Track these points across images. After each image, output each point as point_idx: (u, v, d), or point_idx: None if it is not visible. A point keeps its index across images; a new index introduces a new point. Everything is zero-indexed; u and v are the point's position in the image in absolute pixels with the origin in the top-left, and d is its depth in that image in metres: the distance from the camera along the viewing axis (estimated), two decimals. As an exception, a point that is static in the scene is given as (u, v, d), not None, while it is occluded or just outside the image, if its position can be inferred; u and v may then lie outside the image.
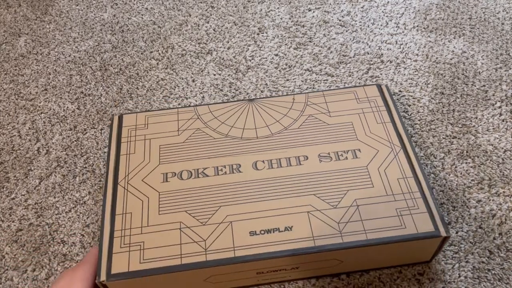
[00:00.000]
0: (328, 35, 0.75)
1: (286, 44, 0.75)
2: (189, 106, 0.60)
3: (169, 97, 0.70)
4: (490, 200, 0.56)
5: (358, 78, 0.69)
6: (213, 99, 0.68)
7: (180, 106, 0.68)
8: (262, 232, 0.46)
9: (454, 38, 0.73)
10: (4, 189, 0.62)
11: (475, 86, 0.67)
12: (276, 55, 0.73)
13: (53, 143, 0.66)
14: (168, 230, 0.46)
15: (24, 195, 0.61)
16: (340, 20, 0.77)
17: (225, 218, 0.47)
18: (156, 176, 0.51)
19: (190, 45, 0.77)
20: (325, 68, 0.70)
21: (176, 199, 0.49)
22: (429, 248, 0.47)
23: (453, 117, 0.64)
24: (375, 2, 0.80)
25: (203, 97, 0.69)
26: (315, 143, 0.53)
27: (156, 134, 0.55)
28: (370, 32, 0.75)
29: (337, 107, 0.56)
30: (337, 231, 0.45)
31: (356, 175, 0.50)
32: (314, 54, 0.73)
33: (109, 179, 0.51)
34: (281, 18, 0.79)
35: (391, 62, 0.71)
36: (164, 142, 0.54)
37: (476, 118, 0.63)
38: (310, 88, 0.68)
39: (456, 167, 0.59)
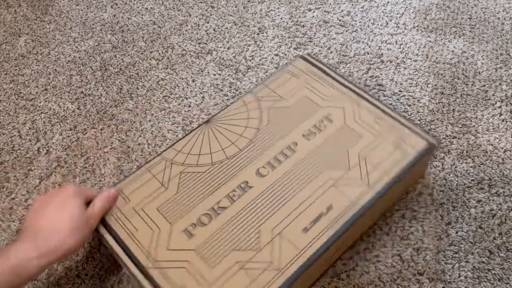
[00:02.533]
0: (328, 35, 0.75)
1: (286, 44, 0.75)
2: (153, 158, 0.53)
3: (169, 97, 0.70)
4: (490, 200, 0.56)
5: (358, 78, 0.69)
6: (213, 99, 0.68)
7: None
8: (312, 223, 0.46)
9: (454, 38, 0.73)
10: (4, 189, 0.62)
11: (475, 86, 0.67)
12: (276, 55, 0.73)
13: (53, 143, 0.66)
14: (232, 274, 0.44)
15: (24, 195, 0.61)
16: (340, 20, 0.77)
17: (272, 234, 0.46)
18: (178, 237, 0.47)
19: (190, 45, 0.77)
20: (325, 68, 0.70)
21: (216, 245, 0.46)
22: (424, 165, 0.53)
23: (453, 117, 0.64)
24: (375, 2, 0.80)
25: (203, 97, 0.69)
26: (292, 127, 0.54)
27: (144, 200, 0.49)
28: (370, 32, 0.75)
29: (285, 90, 0.58)
30: (365, 186, 0.48)
31: (344, 135, 0.53)
32: (314, 54, 0.73)
33: (134, 272, 0.45)
34: (281, 18, 0.79)
35: (391, 62, 0.71)
36: (158, 203, 0.49)
37: (476, 118, 0.63)
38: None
39: (456, 167, 0.59)
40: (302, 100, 0.56)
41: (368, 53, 0.72)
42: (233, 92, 0.69)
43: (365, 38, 0.74)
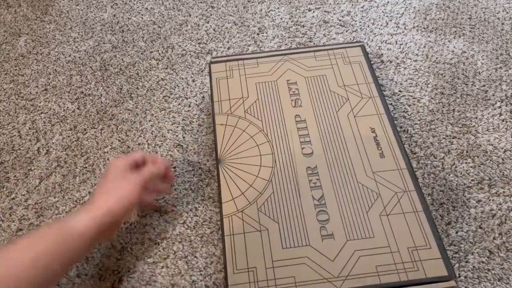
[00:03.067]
0: (328, 35, 0.75)
1: (286, 44, 0.75)
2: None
3: (169, 97, 0.70)
4: (490, 200, 0.56)
5: (358, 78, 0.69)
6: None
7: None
8: None
9: (454, 38, 0.73)
10: (4, 189, 0.62)
11: (475, 86, 0.67)
12: (276, 55, 0.73)
13: (53, 143, 0.66)
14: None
15: (24, 195, 0.61)
16: (340, 20, 0.77)
17: None
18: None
19: (190, 45, 0.77)
20: (325, 68, 0.70)
21: None
22: None
23: (453, 117, 0.64)
24: (375, 2, 0.80)
25: (203, 97, 0.69)
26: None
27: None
28: (370, 32, 0.75)
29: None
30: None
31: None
32: (314, 54, 0.73)
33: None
34: (281, 18, 0.79)
35: (391, 62, 0.71)
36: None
37: (476, 118, 0.63)
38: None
39: (456, 167, 0.59)
40: (259, 87, 0.61)
41: (368, 53, 0.72)
42: (233, 92, 0.69)
43: (365, 38, 0.74)
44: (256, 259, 0.46)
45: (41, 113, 0.70)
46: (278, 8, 0.81)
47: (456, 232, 0.53)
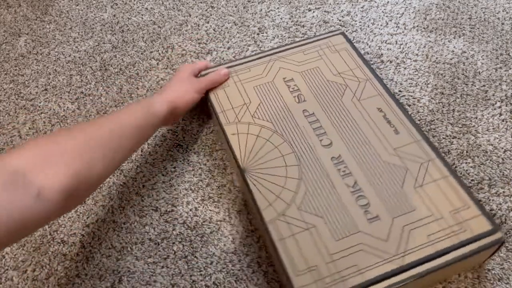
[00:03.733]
0: (328, 35, 0.75)
1: (286, 44, 0.75)
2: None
3: (169, 97, 0.70)
4: (490, 200, 0.56)
5: (358, 78, 0.69)
6: (213, 99, 0.68)
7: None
8: None
9: (454, 38, 0.73)
10: (4, 189, 0.62)
11: (475, 86, 0.67)
12: (276, 55, 0.73)
13: (53, 143, 0.66)
14: None
15: (24, 195, 0.61)
16: (340, 20, 0.77)
17: None
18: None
19: (190, 45, 0.77)
20: (325, 68, 0.70)
21: None
22: None
23: (453, 117, 0.64)
24: (375, 2, 0.80)
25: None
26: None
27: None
28: (370, 32, 0.75)
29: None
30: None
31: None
32: (314, 54, 0.73)
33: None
34: (281, 18, 0.79)
35: (391, 62, 0.71)
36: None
37: (476, 118, 0.63)
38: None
39: (456, 167, 0.59)
40: (258, 90, 0.62)
41: (368, 53, 0.72)
42: (233, 92, 0.69)
43: (365, 38, 0.74)
44: (315, 257, 0.46)
45: (41, 113, 0.70)
46: (278, 8, 0.81)
47: (456, 232, 0.53)
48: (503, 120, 0.63)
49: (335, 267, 0.45)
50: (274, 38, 0.76)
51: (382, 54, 0.72)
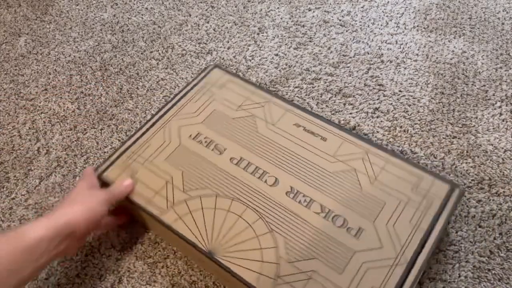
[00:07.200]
0: (328, 35, 0.75)
1: (286, 44, 0.75)
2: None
3: (169, 97, 0.69)
4: (490, 200, 0.56)
5: (358, 78, 0.69)
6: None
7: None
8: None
9: (454, 38, 0.73)
10: (4, 189, 0.62)
11: (475, 86, 0.67)
12: (276, 55, 0.73)
13: (53, 143, 0.66)
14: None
15: (24, 195, 0.61)
16: (340, 20, 0.77)
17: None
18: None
19: (190, 45, 0.77)
20: (325, 68, 0.70)
21: None
22: None
23: (453, 117, 0.64)
24: (375, 2, 0.80)
25: (203, 97, 0.69)
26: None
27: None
28: (370, 32, 0.75)
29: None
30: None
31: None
32: (314, 54, 0.73)
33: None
34: (281, 18, 0.79)
35: (391, 62, 0.71)
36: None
37: (476, 118, 0.63)
38: (310, 87, 0.68)
39: (456, 167, 0.59)
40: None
41: (368, 53, 0.72)
42: (233, 92, 0.69)
43: (365, 38, 0.74)
44: None
45: (41, 113, 0.70)
46: (278, 8, 0.81)
47: (456, 232, 0.53)
48: (503, 120, 0.63)
49: None
50: (274, 38, 0.76)
51: (382, 54, 0.72)
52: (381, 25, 0.76)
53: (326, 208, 0.49)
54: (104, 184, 0.53)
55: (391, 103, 0.66)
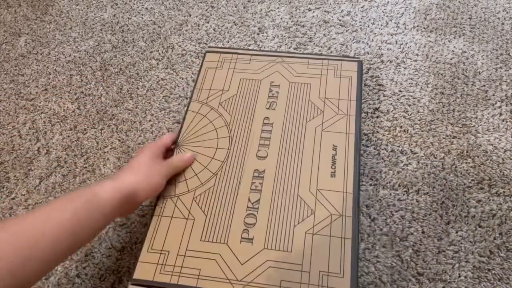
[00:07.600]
0: (328, 35, 0.75)
1: (286, 44, 0.75)
2: (157, 200, 0.52)
3: (169, 97, 0.69)
4: (490, 200, 0.56)
5: (358, 78, 0.69)
6: (213, 99, 0.68)
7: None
8: (333, 167, 0.52)
9: (454, 38, 0.73)
10: (4, 189, 0.62)
11: (475, 86, 0.67)
12: (276, 55, 0.73)
13: (53, 143, 0.66)
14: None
15: (24, 195, 0.61)
16: (340, 20, 0.77)
17: (314, 194, 0.51)
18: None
19: (190, 45, 0.77)
20: (325, 68, 0.70)
21: (282, 224, 0.49)
22: None
23: (453, 117, 0.64)
24: (375, 2, 0.80)
25: (203, 97, 0.69)
26: (252, 109, 0.58)
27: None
28: (370, 32, 0.75)
29: (220, 84, 0.60)
30: (344, 116, 0.56)
31: (297, 89, 0.59)
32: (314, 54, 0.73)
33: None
34: (281, 18, 0.79)
35: (391, 62, 0.71)
36: (196, 234, 0.49)
37: (476, 118, 0.63)
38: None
39: (456, 167, 0.59)
40: (242, 83, 0.60)
41: (368, 53, 0.72)
42: (233, 92, 0.69)
43: (365, 38, 0.74)
44: (172, 244, 0.46)
45: (41, 113, 0.70)
46: (278, 8, 0.81)
47: (456, 232, 0.53)
48: (503, 120, 0.63)
49: (183, 262, 0.46)
50: (274, 38, 0.76)
51: (382, 54, 0.72)
52: (381, 25, 0.76)
53: (258, 205, 0.50)
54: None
55: (391, 103, 0.66)
